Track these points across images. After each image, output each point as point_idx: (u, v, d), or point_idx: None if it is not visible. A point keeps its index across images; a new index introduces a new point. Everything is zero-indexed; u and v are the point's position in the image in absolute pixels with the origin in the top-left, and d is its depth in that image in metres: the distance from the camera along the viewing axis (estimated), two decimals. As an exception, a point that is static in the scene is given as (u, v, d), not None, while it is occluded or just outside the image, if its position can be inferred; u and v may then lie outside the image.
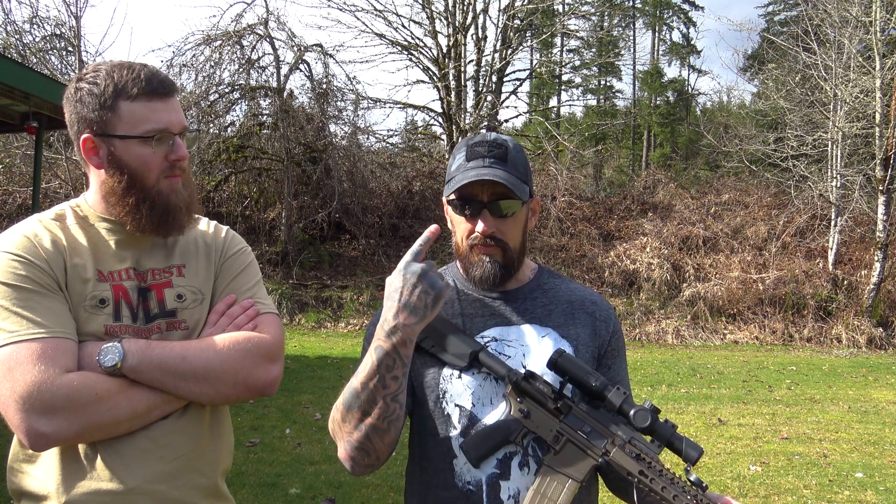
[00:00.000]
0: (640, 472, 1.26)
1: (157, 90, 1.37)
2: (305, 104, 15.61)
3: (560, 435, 1.33)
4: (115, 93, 1.35)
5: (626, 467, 1.28)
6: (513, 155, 1.44)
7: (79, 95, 1.37)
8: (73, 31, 13.44)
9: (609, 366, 1.51)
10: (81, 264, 1.38)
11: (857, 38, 14.28)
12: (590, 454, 1.31)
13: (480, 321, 1.47)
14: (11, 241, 1.35)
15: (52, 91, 6.78)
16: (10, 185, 14.32)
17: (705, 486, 1.26)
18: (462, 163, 1.44)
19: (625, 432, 1.31)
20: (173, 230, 1.44)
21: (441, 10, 18.06)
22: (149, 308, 1.42)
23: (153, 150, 1.37)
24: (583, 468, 1.30)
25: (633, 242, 15.24)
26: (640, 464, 1.27)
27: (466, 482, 1.38)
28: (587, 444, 1.31)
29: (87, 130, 1.37)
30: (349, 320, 13.15)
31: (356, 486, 4.66)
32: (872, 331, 13.15)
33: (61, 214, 1.44)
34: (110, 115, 1.35)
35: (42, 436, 1.23)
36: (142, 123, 1.36)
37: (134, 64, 1.39)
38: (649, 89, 30.27)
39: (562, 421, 1.33)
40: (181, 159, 1.41)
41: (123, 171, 1.37)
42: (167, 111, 1.38)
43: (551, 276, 1.58)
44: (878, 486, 5.16)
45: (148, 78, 1.37)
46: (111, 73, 1.36)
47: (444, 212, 1.55)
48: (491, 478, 1.36)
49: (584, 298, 1.54)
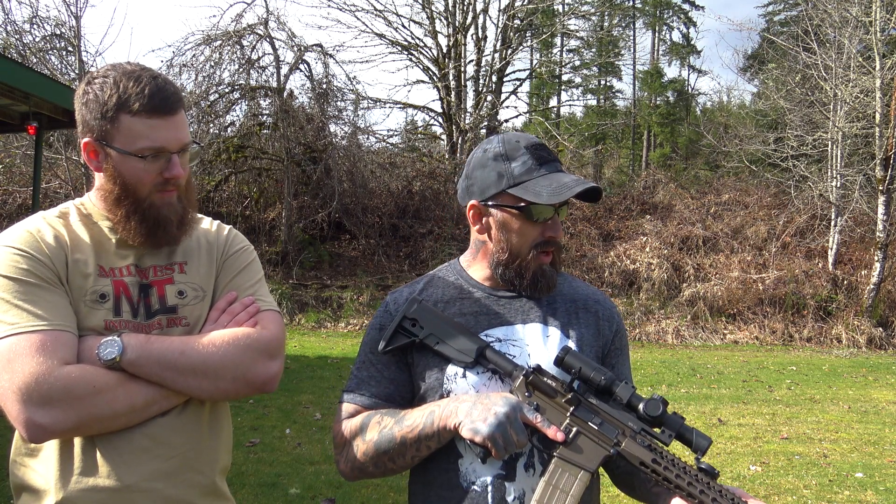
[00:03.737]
0: (654, 460, 1.28)
1: (159, 108, 1.36)
2: (305, 104, 15.61)
3: (571, 427, 1.33)
4: (116, 105, 1.35)
5: (640, 456, 1.29)
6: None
7: (85, 99, 1.38)
8: (73, 31, 13.42)
9: (613, 364, 1.51)
10: (83, 259, 1.39)
11: (857, 38, 14.27)
12: (602, 444, 1.32)
13: (485, 320, 1.46)
14: (14, 236, 1.36)
15: (52, 91, 6.78)
16: (10, 185, 14.32)
17: (717, 474, 1.28)
18: (532, 166, 1.42)
19: (635, 423, 1.32)
20: (164, 242, 1.45)
21: (441, 10, 18.08)
22: (150, 304, 1.43)
23: (145, 167, 1.37)
24: (595, 459, 1.31)
25: (633, 242, 15.24)
26: (652, 453, 1.29)
27: (471, 482, 1.37)
28: (599, 435, 1.32)
29: (88, 135, 1.39)
30: (349, 320, 13.15)
31: (356, 486, 4.66)
32: (872, 331, 13.15)
33: (65, 212, 1.45)
34: (110, 127, 1.36)
35: (40, 427, 1.24)
36: (138, 140, 1.36)
37: (143, 75, 1.38)
38: (649, 89, 30.25)
39: (572, 413, 1.34)
40: (175, 178, 1.40)
41: (117, 182, 1.39)
42: (167, 129, 1.38)
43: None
44: (878, 486, 5.16)
45: (152, 94, 1.36)
46: (118, 82, 1.36)
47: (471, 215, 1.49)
48: (496, 478, 1.36)
49: (588, 297, 1.54)
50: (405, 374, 1.47)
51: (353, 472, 1.45)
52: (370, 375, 1.48)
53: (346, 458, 1.44)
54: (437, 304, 1.49)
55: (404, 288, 1.57)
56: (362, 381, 1.48)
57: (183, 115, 1.43)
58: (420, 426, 1.35)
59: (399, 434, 1.36)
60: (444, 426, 1.32)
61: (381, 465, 1.40)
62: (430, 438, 1.35)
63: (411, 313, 1.45)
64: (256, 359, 1.41)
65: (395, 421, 1.38)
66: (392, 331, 1.45)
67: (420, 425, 1.35)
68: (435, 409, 1.36)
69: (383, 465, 1.40)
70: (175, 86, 1.42)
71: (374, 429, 1.39)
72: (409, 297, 1.49)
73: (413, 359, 1.46)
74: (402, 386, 1.47)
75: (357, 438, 1.41)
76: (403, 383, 1.47)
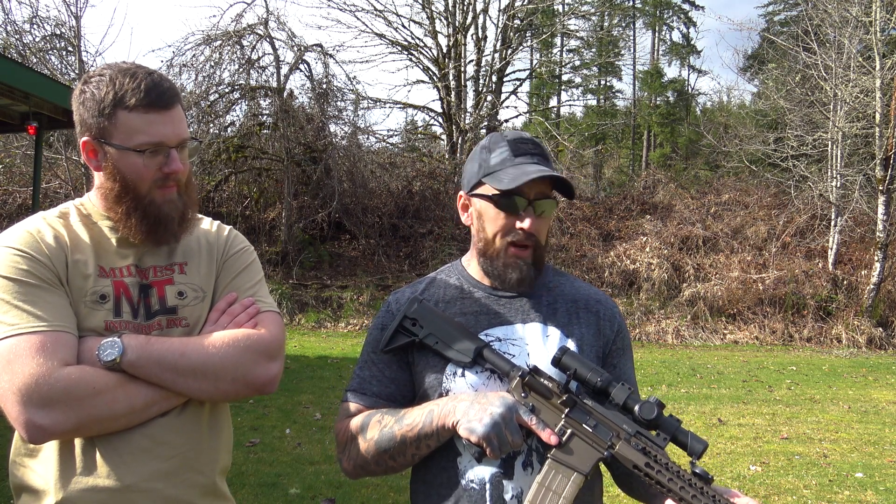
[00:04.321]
0: (647, 464, 1.27)
1: (155, 102, 1.36)
2: (305, 104, 15.61)
3: (565, 428, 1.33)
4: (113, 101, 1.35)
5: (633, 460, 1.28)
6: (547, 153, 1.48)
7: (82, 98, 1.38)
8: (73, 31, 13.42)
9: (615, 364, 1.51)
10: (83, 260, 1.39)
11: (857, 38, 14.27)
12: (595, 447, 1.31)
13: (485, 319, 1.47)
14: (14, 236, 1.36)
15: (52, 91, 6.78)
16: (10, 185, 14.32)
17: (710, 479, 1.27)
18: (507, 157, 1.44)
19: (630, 426, 1.31)
20: (165, 239, 1.44)
21: (441, 10, 18.08)
22: (150, 304, 1.43)
23: (144, 163, 1.37)
24: (588, 461, 1.30)
25: (632, 242, 15.24)
26: (646, 456, 1.28)
27: (470, 480, 1.38)
28: (593, 437, 1.31)
29: (86, 134, 1.39)
30: (349, 320, 13.15)
31: (356, 486, 4.66)
32: (872, 331, 13.15)
33: (65, 213, 1.45)
34: (107, 124, 1.35)
35: (40, 428, 1.24)
36: (136, 135, 1.35)
37: (139, 71, 1.38)
38: (649, 89, 30.24)
39: (567, 415, 1.33)
40: (174, 172, 1.40)
41: (116, 179, 1.38)
42: (164, 124, 1.37)
43: (556, 275, 1.57)
44: (878, 486, 5.16)
45: (148, 89, 1.36)
46: (114, 79, 1.36)
47: (460, 205, 1.54)
48: (494, 477, 1.36)
49: (589, 297, 1.54)
50: (406, 373, 1.48)
51: (355, 471, 1.46)
52: (372, 375, 1.49)
53: (349, 457, 1.45)
54: (438, 304, 1.50)
55: (406, 288, 1.57)
56: (364, 380, 1.49)
57: (180, 110, 1.42)
58: (419, 425, 1.36)
59: (399, 433, 1.37)
60: (443, 425, 1.34)
61: (382, 464, 1.41)
62: (429, 437, 1.36)
63: (412, 313, 1.45)
64: (256, 360, 1.41)
65: (395, 420, 1.39)
66: (392, 330, 1.46)
67: (419, 424, 1.36)
68: (434, 407, 1.37)
69: (384, 463, 1.41)
70: (171, 82, 1.42)
71: (374, 427, 1.40)
72: (411, 296, 1.50)
73: (414, 358, 1.47)
74: (404, 385, 1.48)
75: (359, 437, 1.42)
76: (405, 382, 1.48)
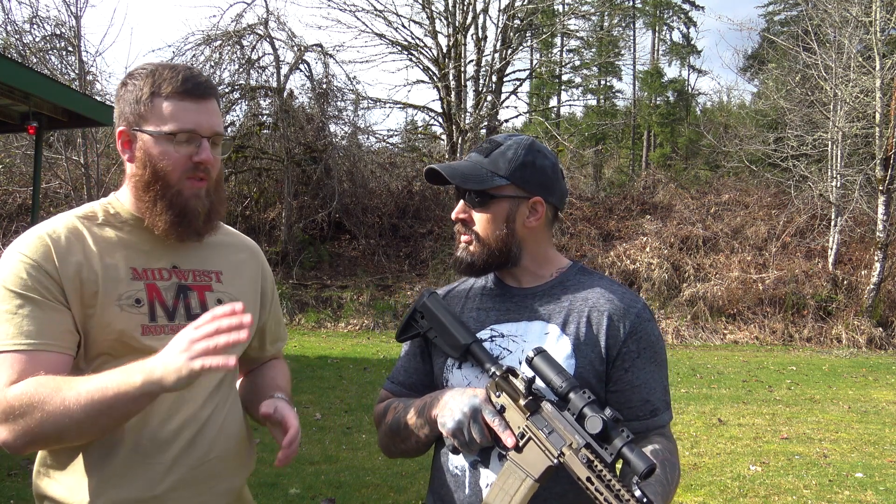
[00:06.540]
0: (588, 478, 1.23)
1: (191, 91, 1.37)
2: (305, 104, 15.63)
3: (525, 432, 1.33)
4: (151, 90, 1.37)
5: (577, 472, 1.25)
6: (502, 151, 1.47)
7: (123, 91, 1.40)
8: (73, 31, 13.40)
9: (626, 368, 1.43)
10: (113, 263, 1.36)
11: (857, 38, 14.27)
12: (547, 454, 1.30)
13: (495, 315, 1.50)
14: (27, 242, 1.33)
15: (52, 91, 6.78)
16: (10, 185, 14.32)
17: (649, 502, 1.18)
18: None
19: (583, 437, 1.27)
20: (188, 235, 1.41)
21: (441, 10, 18.06)
22: (190, 306, 1.42)
23: (175, 149, 1.37)
24: (540, 467, 1.30)
25: (632, 242, 15.24)
26: (590, 471, 1.24)
27: (455, 466, 1.45)
28: (545, 445, 1.30)
29: (122, 124, 1.40)
30: (349, 320, 13.14)
31: (356, 486, 4.66)
32: (872, 331, 13.15)
33: (91, 214, 1.42)
34: (143, 111, 1.37)
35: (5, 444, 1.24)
36: (170, 121, 1.36)
37: (179, 65, 1.42)
38: (649, 89, 30.21)
39: (527, 419, 1.32)
40: (204, 162, 1.39)
41: (147, 166, 1.38)
42: (198, 112, 1.38)
43: (580, 274, 1.54)
44: (878, 486, 5.16)
45: (185, 78, 1.37)
46: (154, 71, 1.38)
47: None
48: (473, 464, 1.43)
49: (603, 296, 1.48)
50: (427, 364, 1.57)
51: (385, 450, 1.58)
52: (402, 365, 1.61)
53: (379, 438, 1.58)
54: (461, 298, 1.57)
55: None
56: (397, 369, 1.62)
57: (216, 104, 1.43)
58: (416, 414, 1.45)
59: (404, 420, 1.47)
60: (430, 416, 1.42)
61: (395, 447, 1.53)
62: (423, 426, 1.44)
63: (420, 306, 1.53)
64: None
65: (405, 407, 1.49)
66: (404, 323, 1.56)
67: (417, 413, 1.45)
68: (428, 398, 1.45)
69: (397, 446, 1.52)
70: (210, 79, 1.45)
71: (391, 413, 1.52)
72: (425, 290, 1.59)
73: (430, 349, 1.56)
74: (424, 375, 1.57)
75: (382, 421, 1.55)
76: (425, 373, 1.57)
